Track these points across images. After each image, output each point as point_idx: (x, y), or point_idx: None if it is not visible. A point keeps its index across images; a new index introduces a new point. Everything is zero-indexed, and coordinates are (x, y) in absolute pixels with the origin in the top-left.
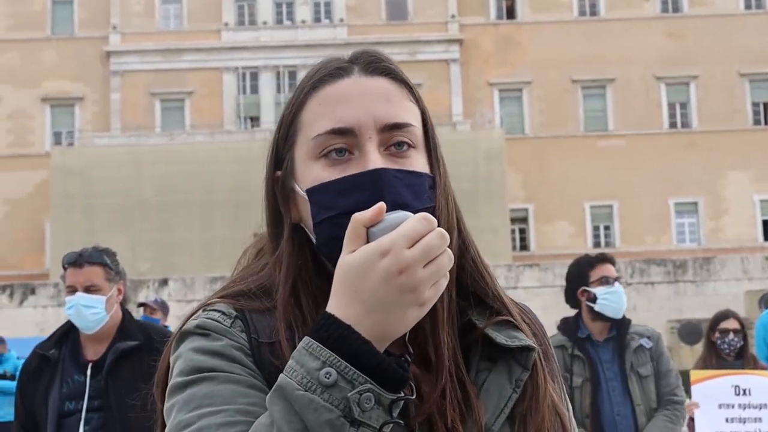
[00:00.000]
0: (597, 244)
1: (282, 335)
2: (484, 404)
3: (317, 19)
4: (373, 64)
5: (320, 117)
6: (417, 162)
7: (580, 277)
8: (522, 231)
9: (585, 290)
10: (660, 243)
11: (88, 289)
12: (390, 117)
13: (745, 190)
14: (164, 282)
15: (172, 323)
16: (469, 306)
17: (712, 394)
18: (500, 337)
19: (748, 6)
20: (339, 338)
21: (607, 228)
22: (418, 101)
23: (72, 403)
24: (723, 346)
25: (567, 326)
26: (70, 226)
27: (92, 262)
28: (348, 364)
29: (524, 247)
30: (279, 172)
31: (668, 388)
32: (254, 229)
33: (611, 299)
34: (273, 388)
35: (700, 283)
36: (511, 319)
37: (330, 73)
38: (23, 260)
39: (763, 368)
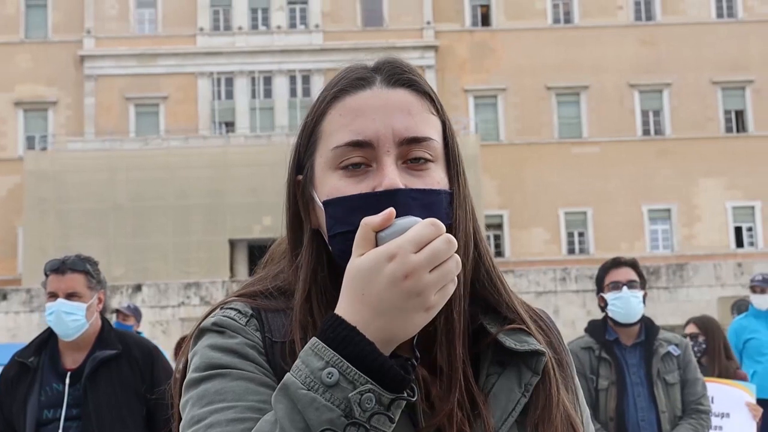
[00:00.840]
0: (571, 251)
1: (297, 338)
2: (492, 409)
3: (293, 25)
4: (396, 76)
5: (340, 128)
6: (435, 175)
7: (598, 282)
8: (497, 237)
9: (602, 296)
10: (634, 249)
11: (70, 296)
12: (409, 131)
13: (717, 198)
14: (138, 288)
15: (145, 330)
16: (480, 311)
17: None
18: (509, 341)
19: (720, 14)
20: (344, 339)
21: (581, 234)
22: (439, 112)
23: (50, 411)
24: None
25: (594, 329)
26: (43, 232)
27: (75, 270)
28: (350, 365)
29: (499, 253)
30: (300, 177)
31: (694, 396)
32: (229, 234)
33: (618, 305)
34: (278, 386)
35: (673, 289)
36: (524, 327)
37: (351, 83)
38: None
39: (742, 377)
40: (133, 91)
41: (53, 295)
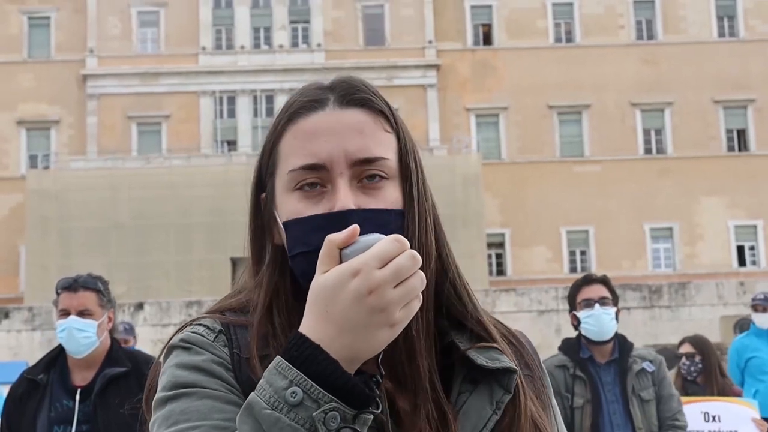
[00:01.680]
0: (573, 269)
1: (253, 353)
2: (462, 425)
3: (295, 44)
4: (348, 96)
5: (294, 151)
6: (389, 194)
7: (570, 300)
8: (499, 256)
9: (574, 314)
10: (636, 268)
11: (82, 314)
12: (361, 152)
13: (719, 216)
14: (140, 306)
15: (147, 348)
16: (450, 327)
17: None
18: (481, 359)
19: (721, 34)
20: (307, 358)
21: (583, 253)
22: (396, 128)
23: (60, 428)
24: (683, 370)
25: (568, 347)
26: (45, 250)
27: (87, 288)
28: (314, 384)
29: (501, 271)
30: (263, 195)
31: (670, 413)
32: (231, 253)
33: (590, 322)
34: (243, 406)
35: (675, 308)
36: (496, 345)
37: (305, 105)
38: None
39: (735, 392)
40: (135, 110)
41: (65, 313)
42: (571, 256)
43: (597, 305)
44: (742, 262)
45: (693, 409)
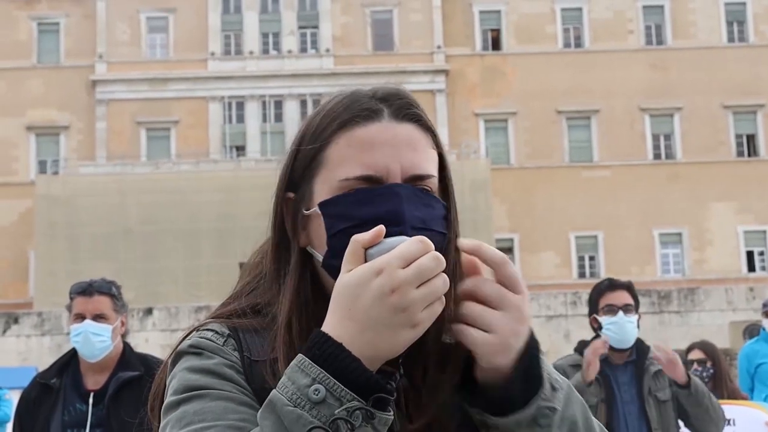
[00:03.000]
0: (582, 275)
1: (281, 356)
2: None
3: (303, 50)
4: (404, 110)
5: (348, 160)
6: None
7: (592, 304)
8: None
9: (595, 318)
10: (645, 273)
11: (97, 318)
12: (415, 168)
13: (728, 222)
14: (149, 311)
15: (156, 353)
16: None
17: None
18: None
19: (731, 39)
20: (330, 356)
21: (592, 258)
22: (438, 146)
23: (74, 431)
24: (695, 375)
25: (584, 348)
26: (54, 255)
27: (102, 292)
28: (336, 382)
29: None
30: (290, 194)
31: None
32: (239, 258)
33: (613, 329)
34: (264, 402)
35: (684, 313)
36: None
37: (359, 113)
38: (6, 289)
39: (743, 397)
40: (144, 116)
41: (80, 317)
42: (580, 261)
43: (620, 312)
44: (751, 267)
45: None
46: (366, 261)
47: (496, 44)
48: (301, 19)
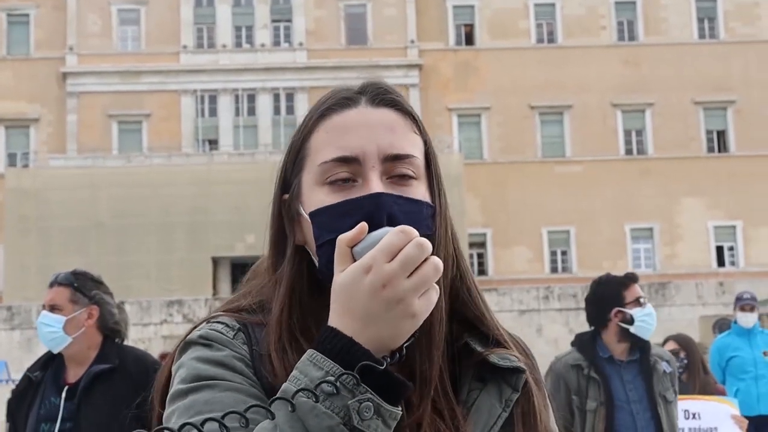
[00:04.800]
0: (554, 270)
1: (273, 348)
2: (474, 421)
3: (276, 43)
4: (380, 96)
5: (327, 145)
6: (417, 192)
7: (614, 297)
8: (480, 255)
9: (620, 311)
10: (616, 268)
11: (52, 309)
12: (393, 148)
13: (699, 217)
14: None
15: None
16: (464, 330)
17: None
18: (493, 357)
19: (702, 35)
20: (341, 350)
21: (564, 253)
22: (422, 132)
23: (47, 425)
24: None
25: (583, 344)
26: (24, 249)
27: (61, 284)
28: (349, 374)
29: (482, 271)
30: (286, 195)
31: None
32: (212, 252)
33: (648, 321)
34: (276, 394)
35: (655, 308)
36: (507, 347)
37: (338, 102)
38: None
39: (719, 390)
40: (115, 109)
41: (43, 307)
42: (552, 256)
43: (648, 304)
44: (721, 262)
45: None
46: (354, 259)
47: (469, 39)
48: (274, 13)
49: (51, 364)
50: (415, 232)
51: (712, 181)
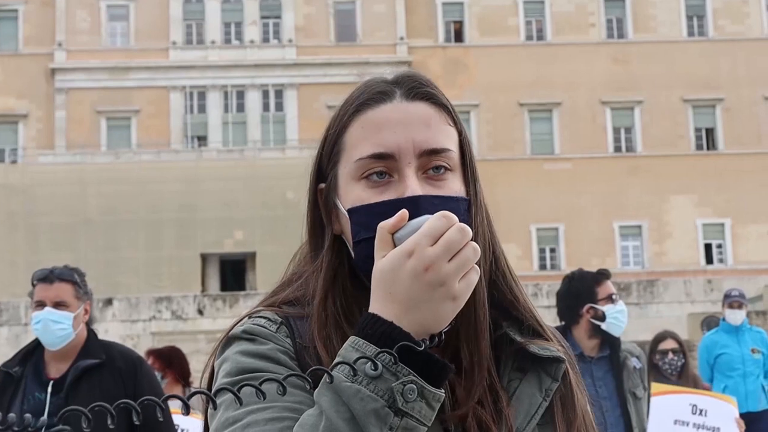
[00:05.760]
0: (543, 267)
1: (316, 336)
2: (515, 410)
3: (266, 40)
4: (415, 90)
5: (362, 141)
6: (453, 184)
7: (586, 293)
8: None
9: (592, 307)
10: (605, 266)
11: (57, 305)
12: (428, 143)
13: (687, 215)
14: (109, 302)
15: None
16: (500, 317)
17: (669, 409)
18: (533, 347)
19: (690, 33)
20: (383, 334)
21: (552, 250)
22: (456, 124)
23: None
24: (664, 366)
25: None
26: (12, 245)
27: (63, 279)
28: (392, 357)
29: None
30: (322, 185)
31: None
32: (200, 249)
33: (620, 318)
34: (321, 381)
35: (643, 305)
36: (546, 336)
37: (372, 97)
38: None
39: (705, 388)
40: (104, 105)
41: (40, 304)
42: (541, 253)
43: (620, 301)
44: (709, 260)
45: (681, 400)
46: (395, 245)
47: (458, 36)
48: (263, 9)
49: (29, 358)
50: (456, 218)
51: (700, 179)
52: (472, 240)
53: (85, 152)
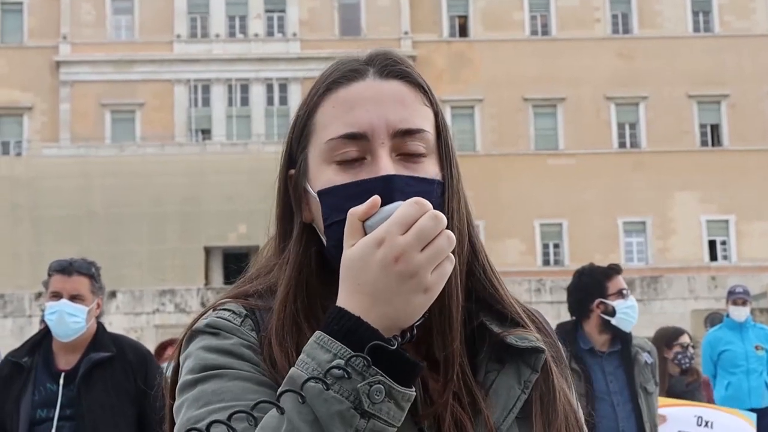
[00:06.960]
0: (546, 262)
1: (273, 331)
2: (492, 404)
3: (270, 33)
4: (389, 67)
5: (333, 120)
6: (428, 167)
7: (597, 287)
8: None
9: (602, 302)
10: (608, 261)
11: (73, 298)
12: (403, 123)
13: (692, 211)
14: (112, 294)
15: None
16: (479, 310)
17: (675, 419)
18: (510, 338)
19: (696, 29)
20: (349, 331)
21: (556, 246)
22: (433, 104)
23: (44, 411)
24: (684, 360)
25: (565, 334)
26: (17, 238)
27: (81, 272)
28: (358, 356)
29: None
30: (292, 171)
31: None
32: (204, 242)
33: (630, 314)
34: (284, 379)
35: (647, 301)
36: (524, 325)
37: (344, 75)
38: None
39: (706, 381)
40: (109, 98)
41: (56, 295)
42: (545, 249)
43: (631, 296)
44: (713, 256)
45: (686, 412)
46: (366, 233)
47: (463, 31)
48: (268, 3)
49: (38, 349)
50: (430, 205)
51: (705, 175)
52: (447, 228)
53: (90, 145)
